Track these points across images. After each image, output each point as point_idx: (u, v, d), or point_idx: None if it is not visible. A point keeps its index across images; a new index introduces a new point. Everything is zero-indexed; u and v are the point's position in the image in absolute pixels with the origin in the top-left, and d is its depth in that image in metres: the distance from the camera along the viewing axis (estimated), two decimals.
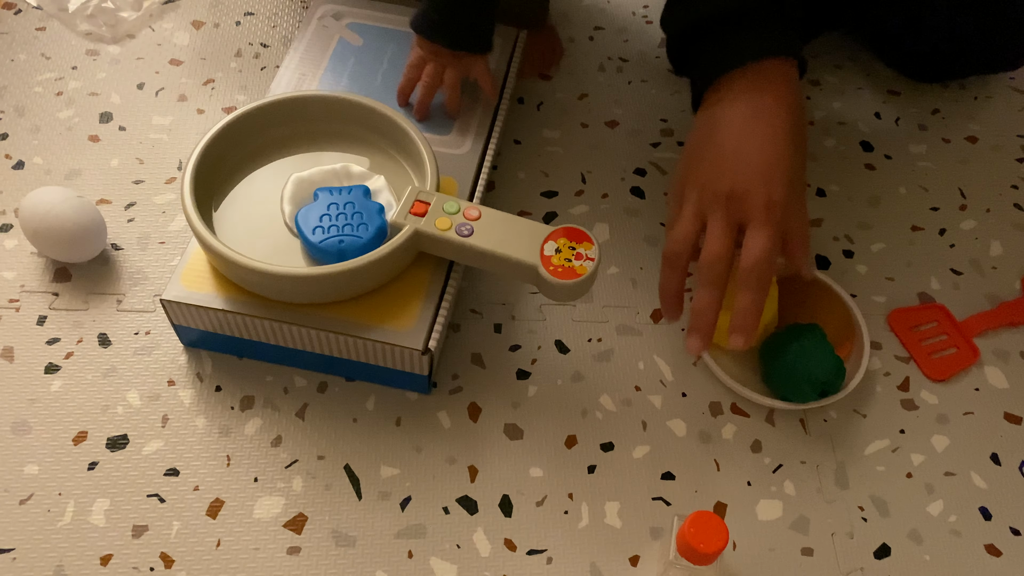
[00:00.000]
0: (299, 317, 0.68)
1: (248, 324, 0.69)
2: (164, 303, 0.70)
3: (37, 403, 0.72)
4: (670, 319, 0.71)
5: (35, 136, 0.88)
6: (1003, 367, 0.80)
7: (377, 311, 0.69)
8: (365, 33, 0.89)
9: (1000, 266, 0.87)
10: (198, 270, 0.71)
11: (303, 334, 0.69)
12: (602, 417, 0.74)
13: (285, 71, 0.85)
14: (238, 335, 0.71)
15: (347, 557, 0.66)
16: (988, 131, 0.98)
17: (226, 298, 0.69)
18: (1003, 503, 0.72)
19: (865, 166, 0.94)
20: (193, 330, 0.72)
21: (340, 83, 0.85)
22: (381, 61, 0.87)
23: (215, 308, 0.69)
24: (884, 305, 0.83)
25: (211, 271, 0.70)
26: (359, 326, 0.68)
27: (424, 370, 0.70)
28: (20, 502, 0.67)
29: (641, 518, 0.69)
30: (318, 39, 0.88)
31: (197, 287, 0.70)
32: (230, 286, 0.70)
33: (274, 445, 0.71)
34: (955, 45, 0.93)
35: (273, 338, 0.71)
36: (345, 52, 0.87)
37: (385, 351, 0.69)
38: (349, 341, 0.69)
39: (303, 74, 0.85)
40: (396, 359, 0.70)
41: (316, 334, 0.69)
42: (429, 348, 0.68)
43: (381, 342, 0.68)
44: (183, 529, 0.66)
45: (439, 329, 0.69)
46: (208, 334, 0.72)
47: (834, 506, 0.71)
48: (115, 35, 0.97)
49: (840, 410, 0.76)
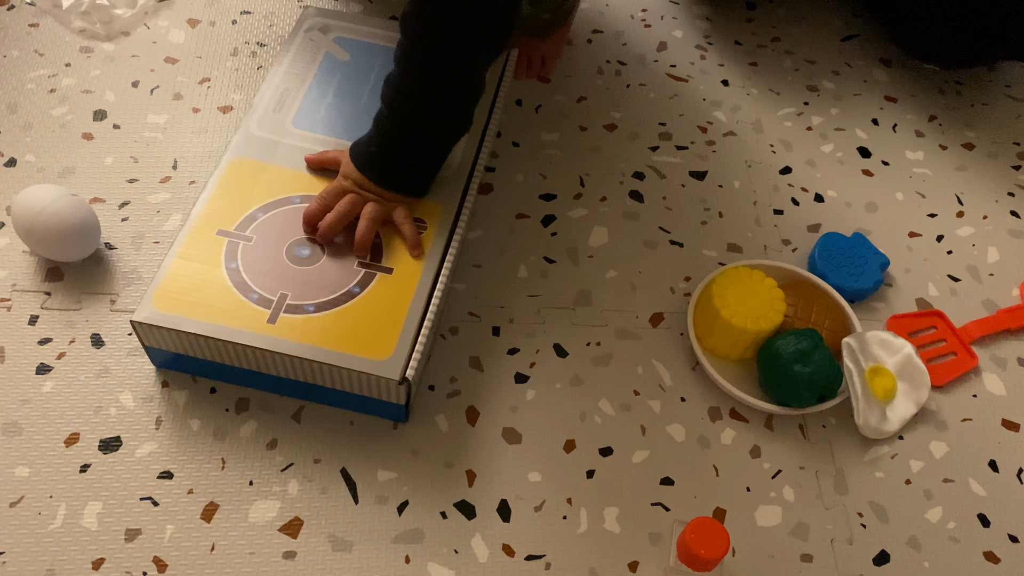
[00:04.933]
0: (274, 343, 0.66)
1: (221, 348, 0.67)
2: (135, 325, 0.67)
3: (28, 404, 0.70)
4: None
5: (27, 133, 0.87)
6: (1001, 374, 0.80)
7: (354, 338, 0.67)
8: (352, 48, 0.87)
9: (997, 273, 0.87)
10: (171, 290, 0.69)
11: (277, 360, 0.67)
12: (601, 422, 0.74)
13: (268, 86, 0.83)
14: (212, 359, 0.69)
15: (343, 562, 0.65)
16: (985, 138, 0.98)
17: (200, 321, 0.67)
18: (1002, 510, 0.72)
19: (863, 172, 0.94)
20: (165, 352, 0.70)
21: (325, 100, 0.83)
22: (368, 78, 0.85)
23: (189, 332, 0.67)
24: (882, 311, 0.82)
25: (185, 291, 0.68)
26: (335, 354, 0.66)
27: (402, 399, 0.68)
28: (10, 504, 0.66)
29: (640, 523, 0.69)
30: (304, 53, 0.86)
31: (170, 308, 0.68)
32: (204, 308, 0.68)
33: (269, 448, 0.70)
34: (991, 25, 0.93)
35: (247, 363, 0.69)
36: (331, 68, 0.85)
37: (361, 379, 0.67)
38: (324, 368, 0.67)
39: (287, 90, 0.83)
40: (373, 388, 0.68)
41: (291, 360, 0.67)
42: (407, 378, 0.66)
43: (357, 371, 0.66)
44: (177, 533, 0.65)
45: (417, 358, 0.67)
46: (181, 356, 0.70)
47: (833, 512, 0.70)
48: (109, 32, 0.96)
49: (839, 416, 0.75)
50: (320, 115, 0.82)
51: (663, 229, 0.86)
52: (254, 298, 0.69)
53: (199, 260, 0.71)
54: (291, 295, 0.69)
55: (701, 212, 0.88)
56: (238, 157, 0.78)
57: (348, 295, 0.70)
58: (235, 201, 0.75)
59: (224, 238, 0.72)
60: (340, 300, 0.70)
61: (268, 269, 0.71)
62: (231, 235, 0.72)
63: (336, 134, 0.80)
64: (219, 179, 0.76)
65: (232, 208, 0.74)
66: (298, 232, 0.73)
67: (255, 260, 0.71)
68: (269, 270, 0.71)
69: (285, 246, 0.72)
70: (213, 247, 0.72)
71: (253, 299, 0.69)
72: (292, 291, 0.70)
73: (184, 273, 0.70)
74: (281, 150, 0.79)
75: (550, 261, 0.83)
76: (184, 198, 0.84)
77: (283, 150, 0.79)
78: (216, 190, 0.75)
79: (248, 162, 0.77)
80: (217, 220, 0.73)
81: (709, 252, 0.85)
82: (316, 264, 0.72)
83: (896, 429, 0.74)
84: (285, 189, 0.76)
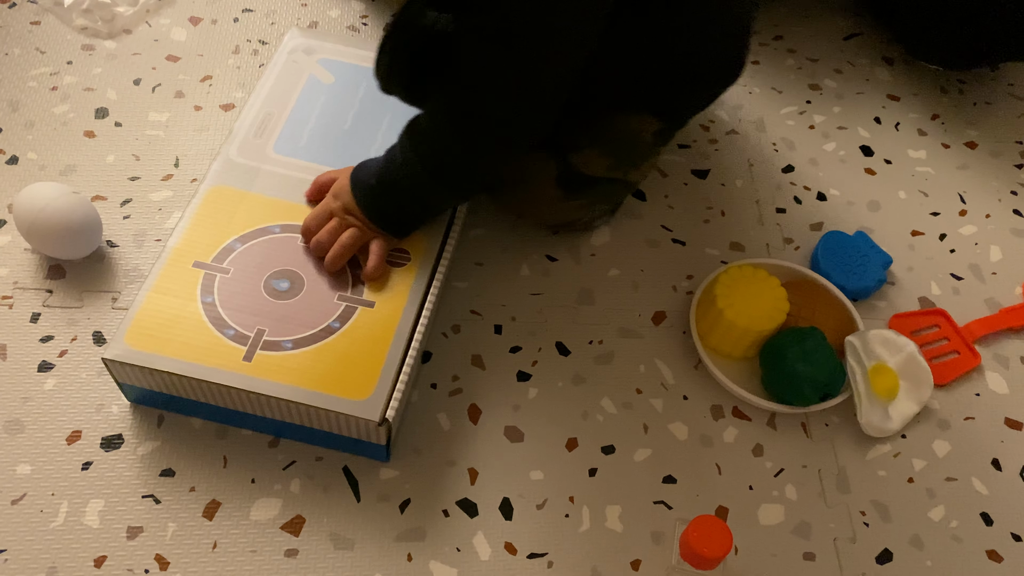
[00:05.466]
0: (249, 382, 0.65)
1: (195, 386, 0.66)
2: (106, 362, 0.66)
3: (30, 402, 0.70)
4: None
5: (29, 131, 0.87)
6: (1004, 372, 0.79)
7: (333, 377, 0.66)
8: (337, 70, 0.85)
9: (1000, 271, 0.86)
10: (145, 326, 0.67)
11: (252, 399, 0.65)
12: (603, 420, 0.73)
13: (249, 111, 0.81)
14: (186, 396, 0.68)
15: (345, 560, 0.65)
16: (988, 137, 0.98)
17: (174, 359, 0.65)
18: (1004, 509, 0.72)
19: (865, 171, 0.94)
20: (138, 388, 0.69)
21: (307, 125, 0.81)
22: (353, 102, 0.83)
23: (161, 370, 0.65)
24: (885, 309, 0.82)
25: (159, 327, 0.67)
26: (312, 394, 0.65)
27: (382, 440, 0.67)
28: (12, 502, 0.66)
29: (642, 522, 0.68)
30: (287, 75, 0.84)
31: (143, 346, 0.66)
32: (178, 345, 0.66)
33: (271, 446, 0.70)
34: (994, 25, 0.93)
35: (222, 401, 0.67)
36: (315, 90, 0.83)
37: (339, 420, 0.65)
38: (301, 408, 0.65)
39: (268, 114, 0.81)
40: (352, 428, 0.66)
41: (267, 400, 0.65)
42: (387, 419, 0.65)
43: (335, 412, 0.64)
44: (179, 531, 0.65)
45: (399, 397, 0.66)
46: (155, 393, 0.68)
47: (836, 511, 0.70)
48: (111, 30, 0.96)
49: (842, 415, 0.75)
50: (302, 141, 0.80)
51: (665, 228, 0.86)
52: (230, 334, 0.67)
53: (174, 294, 0.69)
54: (268, 331, 0.68)
55: (703, 211, 0.88)
56: (217, 185, 0.76)
57: (327, 331, 0.68)
58: (213, 231, 0.73)
59: (201, 270, 0.70)
60: (319, 336, 0.68)
61: (245, 303, 0.69)
62: (208, 267, 0.71)
63: (318, 160, 0.78)
64: (196, 209, 0.74)
65: (209, 239, 0.72)
66: (277, 264, 0.71)
67: (232, 294, 0.69)
68: (246, 304, 0.69)
69: (263, 279, 0.70)
70: (189, 280, 0.70)
71: (229, 335, 0.67)
72: (269, 327, 0.68)
73: (158, 308, 0.68)
74: (261, 177, 0.77)
75: (552, 259, 0.83)
76: (185, 196, 0.83)
77: (263, 177, 0.77)
78: (193, 220, 0.73)
79: (227, 190, 0.76)
80: (194, 251, 0.71)
81: (711, 251, 0.85)
82: (295, 298, 0.70)
83: (899, 428, 0.74)
84: (264, 218, 0.74)
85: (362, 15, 1.01)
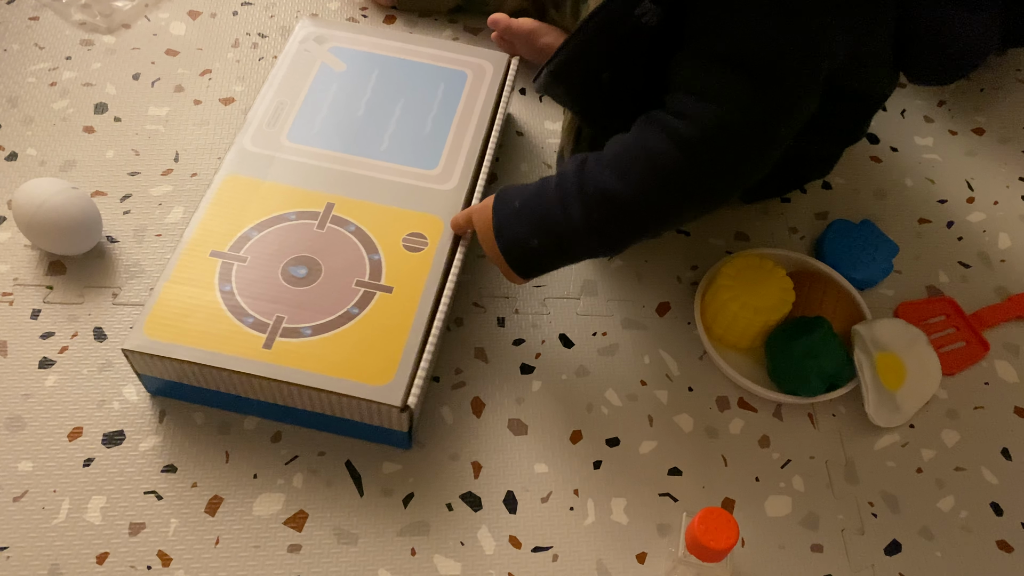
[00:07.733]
0: (270, 369, 0.65)
1: (216, 375, 0.66)
2: (126, 353, 0.66)
3: (31, 398, 0.70)
4: None
5: (28, 127, 0.86)
6: (1013, 361, 0.79)
7: (353, 363, 0.65)
8: (349, 58, 0.85)
9: (1009, 259, 0.86)
10: (163, 317, 0.67)
11: (273, 387, 0.65)
12: (608, 412, 0.73)
13: (262, 100, 0.81)
14: (206, 386, 0.67)
15: (349, 555, 0.65)
16: (995, 123, 0.97)
17: (194, 348, 0.65)
18: (1014, 498, 0.71)
19: (871, 158, 0.93)
20: (159, 380, 0.69)
21: (319, 114, 0.80)
22: (365, 89, 0.82)
23: (181, 359, 0.65)
24: (892, 298, 0.82)
25: (178, 317, 0.66)
26: (333, 380, 0.65)
27: (404, 427, 0.66)
28: (14, 499, 0.65)
29: (648, 514, 0.68)
30: (299, 64, 0.84)
31: (162, 336, 0.66)
32: (197, 334, 0.66)
33: (274, 441, 0.69)
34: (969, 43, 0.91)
35: (242, 390, 0.67)
36: (327, 79, 0.83)
37: (361, 406, 0.65)
38: (323, 395, 0.65)
39: (281, 103, 0.81)
40: (373, 415, 0.66)
41: (287, 387, 0.65)
42: (408, 405, 0.64)
43: (357, 397, 0.64)
44: (181, 527, 0.65)
45: (419, 384, 0.65)
46: (176, 384, 0.68)
47: (844, 502, 0.70)
48: (110, 25, 0.96)
49: (849, 405, 0.74)
50: (316, 128, 0.79)
51: None
52: (249, 322, 0.67)
53: (192, 284, 0.69)
54: (287, 318, 0.67)
55: None
56: (231, 174, 0.76)
57: (346, 316, 0.68)
58: (229, 220, 0.72)
59: (218, 259, 0.70)
60: (338, 322, 0.68)
61: (263, 291, 0.69)
62: (225, 256, 0.70)
63: (332, 147, 0.78)
64: (212, 199, 0.74)
65: (226, 228, 0.72)
66: (294, 251, 0.71)
67: (250, 282, 0.69)
68: (264, 292, 0.69)
69: (281, 266, 0.70)
70: (206, 269, 0.69)
71: (248, 323, 0.67)
72: (288, 314, 0.68)
73: (177, 298, 0.68)
74: (276, 165, 0.76)
75: None
76: (186, 190, 0.83)
77: (278, 165, 0.76)
78: (209, 210, 0.73)
79: (242, 179, 0.75)
80: (210, 241, 0.71)
81: (716, 241, 0.84)
82: (313, 284, 0.69)
83: (907, 418, 0.73)
84: (280, 206, 0.74)
85: (362, 7, 1.00)
